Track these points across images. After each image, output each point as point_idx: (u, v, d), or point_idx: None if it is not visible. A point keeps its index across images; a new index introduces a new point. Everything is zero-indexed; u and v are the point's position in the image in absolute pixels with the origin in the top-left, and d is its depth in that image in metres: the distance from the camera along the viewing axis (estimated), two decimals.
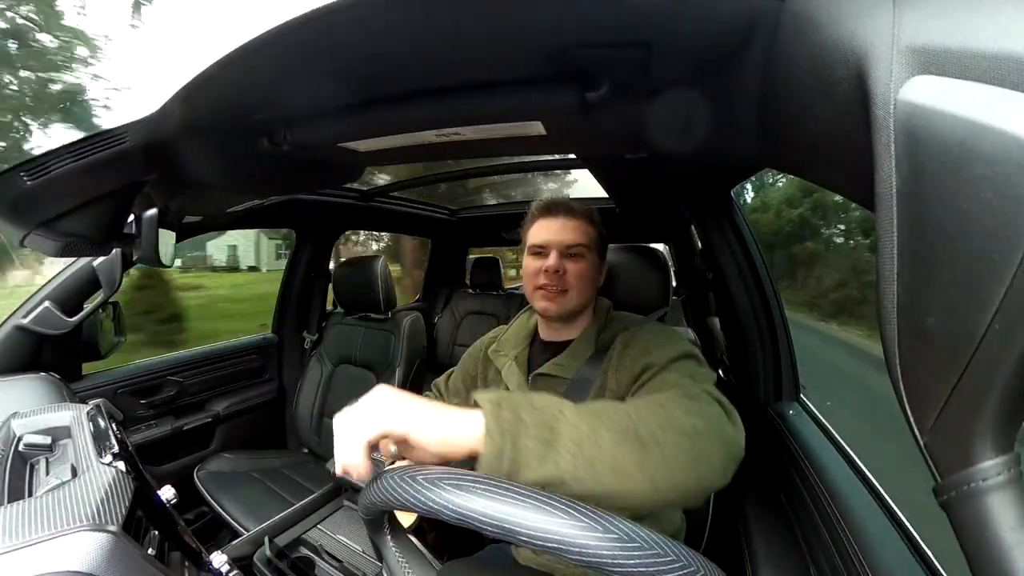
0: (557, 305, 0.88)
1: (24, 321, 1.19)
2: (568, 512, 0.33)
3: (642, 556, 0.32)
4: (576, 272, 0.88)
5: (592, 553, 0.32)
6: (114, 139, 0.66)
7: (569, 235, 0.89)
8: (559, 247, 0.88)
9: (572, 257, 0.88)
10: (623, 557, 0.31)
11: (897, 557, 0.65)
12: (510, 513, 0.34)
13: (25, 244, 0.77)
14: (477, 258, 3.00)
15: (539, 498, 0.35)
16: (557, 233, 0.89)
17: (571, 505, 0.34)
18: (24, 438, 0.72)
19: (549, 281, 0.87)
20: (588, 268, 0.89)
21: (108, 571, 0.44)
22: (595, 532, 0.32)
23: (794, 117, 0.39)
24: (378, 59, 0.48)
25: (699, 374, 0.73)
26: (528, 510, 0.34)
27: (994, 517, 0.22)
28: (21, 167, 0.65)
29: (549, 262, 0.87)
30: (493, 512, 0.34)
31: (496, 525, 0.34)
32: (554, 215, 0.91)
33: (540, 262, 0.89)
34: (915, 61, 0.24)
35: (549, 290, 0.87)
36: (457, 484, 0.36)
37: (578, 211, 0.92)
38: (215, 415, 1.79)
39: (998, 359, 0.21)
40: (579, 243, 0.89)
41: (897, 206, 0.24)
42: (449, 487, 0.36)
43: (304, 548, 1.13)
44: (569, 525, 0.33)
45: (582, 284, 0.88)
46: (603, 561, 0.32)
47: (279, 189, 1.11)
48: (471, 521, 0.35)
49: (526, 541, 0.33)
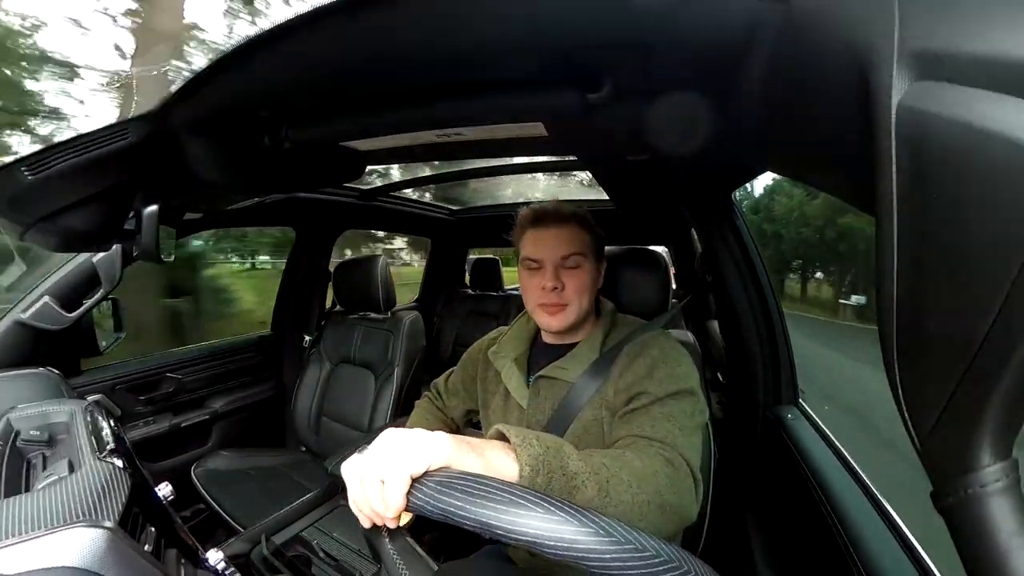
0: (559, 320, 0.86)
1: (23, 316, 1.18)
2: (553, 509, 0.34)
3: (641, 558, 0.32)
4: (575, 286, 0.85)
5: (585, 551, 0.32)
6: (115, 135, 0.66)
7: (564, 246, 0.85)
8: (553, 261, 0.85)
9: (569, 269, 0.85)
10: (613, 553, 0.32)
11: (893, 561, 0.65)
12: (488, 508, 0.35)
13: (25, 239, 0.77)
14: (477, 258, 3.00)
15: (525, 496, 0.35)
16: (550, 245, 0.86)
17: (558, 503, 0.35)
18: (22, 433, 0.72)
19: (548, 300, 0.85)
20: (587, 277, 0.86)
21: (104, 567, 0.44)
22: (598, 536, 0.32)
23: (795, 121, 0.39)
24: (380, 59, 0.48)
25: (690, 413, 0.75)
26: (519, 509, 0.34)
27: (991, 523, 0.22)
28: (22, 162, 0.64)
29: (546, 280, 0.84)
30: (469, 507, 0.36)
31: (474, 520, 0.35)
32: (544, 225, 0.87)
33: (537, 278, 0.86)
34: (917, 66, 0.24)
35: (549, 307, 0.86)
36: (448, 484, 0.38)
37: (569, 216, 0.87)
38: (213, 412, 1.79)
39: (997, 365, 0.21)
40: (574, 252, 0.85)
41: (898, 211, 0.24)
42: (433, 483, 0.38)
43: (300, 546, 1.13)
44: (553, 520, 0.34)
45: (582, 296, 0.86)
46: (597, 561, 0.32)
47: (280, 187, 1.11)
48: (450, 517, 0.36)
49: (503, 535, 0.34)
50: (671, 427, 0.71)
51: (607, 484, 0.55)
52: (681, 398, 0.76)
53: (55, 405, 0.81)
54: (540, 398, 0.90)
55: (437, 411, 1.12)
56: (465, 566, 0.91)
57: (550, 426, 0.87)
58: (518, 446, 0.49)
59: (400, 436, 0.44)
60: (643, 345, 0.85)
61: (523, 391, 0.92)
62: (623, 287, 1.06)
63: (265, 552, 1.04)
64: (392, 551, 0.45)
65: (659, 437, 0.69)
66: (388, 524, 0.43)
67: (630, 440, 0.70)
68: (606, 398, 0.82)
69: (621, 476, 0.57)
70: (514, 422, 0.93)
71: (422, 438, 0.43)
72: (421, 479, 0.40)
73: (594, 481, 0.54)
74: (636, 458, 0.63)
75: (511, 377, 0.94)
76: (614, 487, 0.55)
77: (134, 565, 0.47)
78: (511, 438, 0.50)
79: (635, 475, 0.59)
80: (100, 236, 0.84)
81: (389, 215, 2.23)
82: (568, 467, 0.53)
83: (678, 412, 0.73)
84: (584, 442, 0.83)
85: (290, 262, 2.11)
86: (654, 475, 0.61)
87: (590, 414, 0.83)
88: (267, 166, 0.84)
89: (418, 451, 0.41)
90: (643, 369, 0.80)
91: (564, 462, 0.52)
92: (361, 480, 0.43)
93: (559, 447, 0.54)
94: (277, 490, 1.51)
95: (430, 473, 0.40)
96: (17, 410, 0.78)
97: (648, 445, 0.68)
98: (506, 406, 0.95)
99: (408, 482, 0.40)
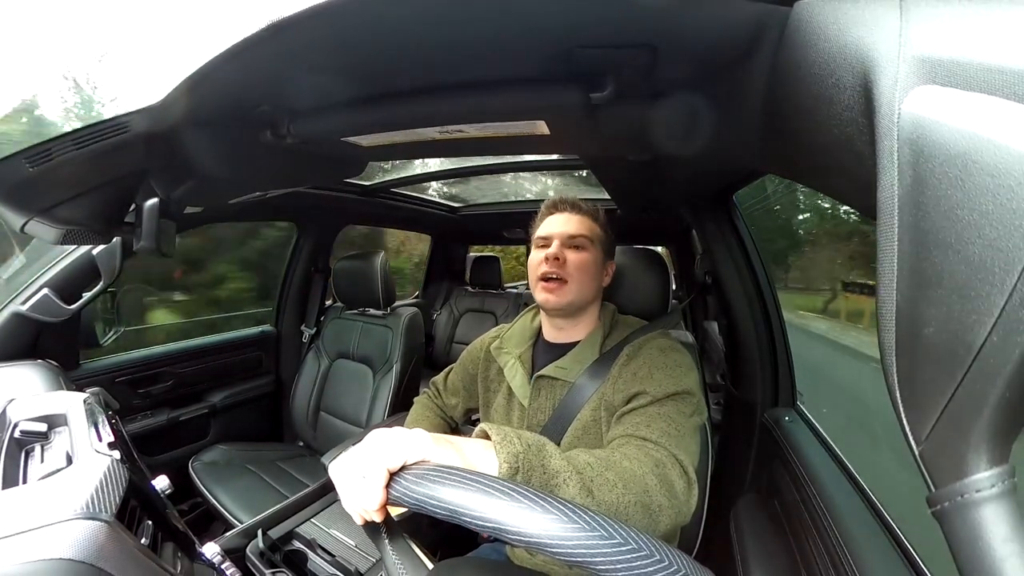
0: (557, 296, 0.87)
1: (23, 308, 1.18)
2: (544, 505, 0.34)
3: (610, 545, 0.32)
4: (576, 262, 0.88)
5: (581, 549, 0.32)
6: (117, 128, 0.66)
7: (572, 227, 0.91)
8: (561, 237, 0.90)
9: (574, 248, 0.89)
10: (578, 540, 0.32)
11: (888, 565, 0.65)
12: (466, 499, 0.35)
13: (26, 231, 0.77)
14: (477, 256, 3.01)
15: (524, 493, 0.35)
16: (561, 225, 0.92)
17: (527, 492, 0.35)
18: (20, 425, 0.72)
19: (549, 268, 0.87)
20: (589, 260, 0.89)
21: (101, 560, 0.44)
22: (574, 526, 0.32)
23: (798, 123, 0.39)
24: (383, 55, 0.48)
25: (688, 414, 0.75)
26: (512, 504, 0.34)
27: (987, 528, 0.22)
28: (23, 153, 0.64)
29: (551, 250, 0.89)
30: (440, 495, 0.36)
31: (445, 507, 0.36)
32: (560, 210, 0.94)
33: (543, 253, 0.90)
34: (921, 71, 0.24)
35: (549, 283, 0.88)
36: (422, 475, 0.39)
37: (584, 208, 0.94)
38: (211, 406, 1.79)
39: (996, 370, 0.21)
40: (581, 235, 0.90)
41: (899, 215, 0.24)
42: (410, 476, 0.40)
43: (297, 541, 1.13)
44: (518, 506, 0.34)
45: (582, 276, 0.88)
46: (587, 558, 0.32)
47: (281, 182, 1.11)
48: (425, 506, 0.37)
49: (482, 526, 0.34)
50: (667, 427, 0.71)
51: (591, 483, 0.55)
52: (679, 399, 0.76)
53: (53, 397, 0.82)
54: (541, 398, 0.90)
55: (436, 409, 1.12)
56: (462, 564, 0.91)
57: (550, 425, 0.87)
58: (498, 443, 0.50)
59: (379, 435, 0.45)
60: (642, 346, 0.86)
61: (526, 390, 0.92)
62: (624, 287, 1.07)
63: (262, 546, 1.04)
64: (390, 549, 0.45)
65: (653, 437, 0.69)
66: (374, 517, 0.44)
67: (624, 440, 0.70)
68: (605, 398, 0.82)
69: (607, 476, 0.57)
70: (516, 421, 0.93)
71: (399, 435, 0.45)
72: (399, 473, 0.41)
73: (576, 480, 0.54)
74: (625, 458, 0.63)
75: (515, 375, 0.94)
76: (598, 486, 0.55)
77: (131, 558, 0.47)
78: (492, 436, 0.51)
79: (622, 475, 0.59)
80: (100, 229, 0.84)
81: (390, 211, 2.23)
82: (549, 465, 0.53)
83: (675, 413, 0.74)
84: (583, 442, 0.83)
85: (291, 257, 2.11)
86: (643, 475, 0.61)
87: (589, 414, 0.84)
88: (268, 161, 0.84)
89: (394, 447, 0.43)
90: (642, 370, 0.80)
91: (545, 460, 0.53)
92: (345, 478, 0.44)
93: (541, 445, 0.54)
94: (275, 484, 1.51)
95: (408, 467, 0.41)
96: (15, 402, 0.78)
97: (641, 445, 0.68)
98: (509, 404, 0.95)
99: (385, 476, 0.41)
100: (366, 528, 0.46)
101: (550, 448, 0.55)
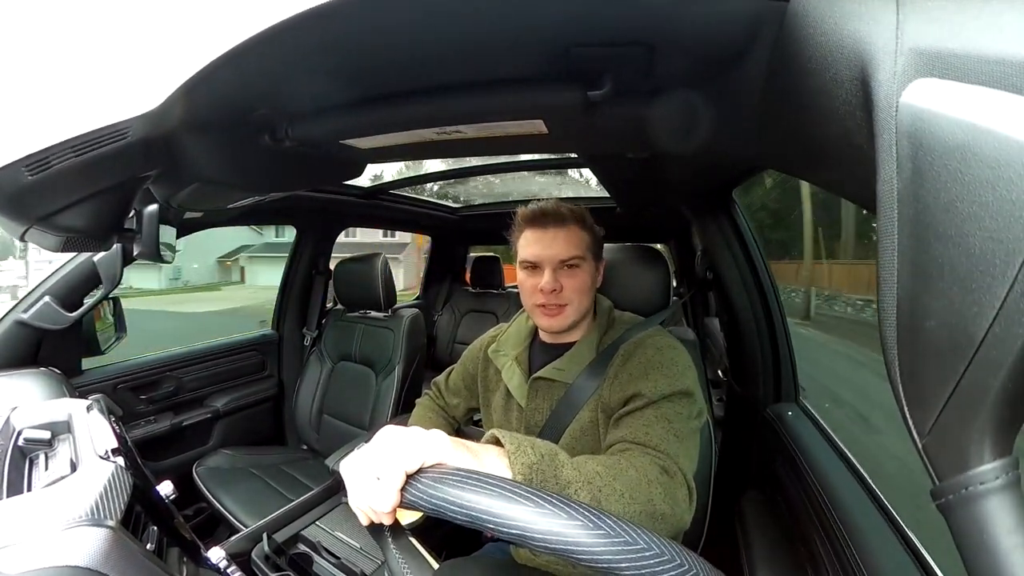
0: (558, 321, 0.86)
1: (24, 316, 1.19)
2: (568, 510, 0.34)
3: (633, 551, 0.32)
4: (573, 287, 0.84)
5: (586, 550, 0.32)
6: (116, 134, 0.66)
7: (562, 248, 0.84)
8: (552, 262, 0.84)
9: (568, 270, 0.84)
10: (603, 546, 0.32)
11: (894, 559, 0.65)
12: (483, 503, 0.35)
13: (25, 238, 0.77)
14: (477, 256, 3.01)
15: (536, 495, 0.35)
16: (549, 247, 0.84)
17: (550, 497, 0.35)
18: (23, 432, 0.72)
19: (547, 301, 0.84)
20: (586, 277, 0.85)
21: (106, 566, 0.44)
22: (599, 532, 0.32)
23: (796, 118, 0.39)
24: (380, 56, 0.48)
25: (686, 416, 0.74)
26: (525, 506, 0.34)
27: (992, 521, 0.22)
28: (22, 161, 0.64)
29: (544, 281, 0.83)
30: (462, 500, 0.36)
31: (466, 513, 0.35)
32: (543, 226, 0.85)
33: (535, 279, 0.85)
34: (918, 64, 0.24)
35: (548, 308, 0.85)
36: (440, 478, 0.39)
37: (568, 216, 0.86)
38: (214, 411, 1.79)
39: (998, 362, 0.21)
40: (574, 255, 0.84)
41: (898, 208, 0.24)
42: (428, 479, 0.39)
43: (302, 544, 1.13)
44: (543, 512, 0.34)
45: (581, 297, 0.85)
46: (600, 559, 0.32)
47: (280, 185, 1.11)
48: (443, 511, 0.37)
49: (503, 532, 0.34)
50: (666, 432, 0.70)
51: (599, 493, 0.55)
52: (676, 400, 0.75)
53: (56, 404, 0.82)
54: (538, 399, 0.90)
55: (439, 409, 1.12)
56: (467, 564, 0.91)
57: (547, 427, 0.87)
58: (512, 453, 0.49)
59: (396, 433, 0.44)
60: (638, 344, 0.84)
61: (523, 391, 0.92)
62: (624, 285, 1.06)
63: (267, 550, 1.04)
64: (394, 549, 0.45)
65: (654, 444, 0.68)
66: (384, 520, 0.42)
67: (625, 446, 0.69)
68: (602, 399, 0.82)
69: (614, 486, 0.57)
70: (514, 421, 0.93)
71: (417, 435, 0.43)
72: (416, 475, 0.40)
73: (587, 490, 0.54)
74: (631, 467, 0.62)
75: (512, 376, 0.94)
76: (606, 496, 0.55)
77: (136, 564, 0.48)
78: (505, 444, 0.50)
79: (628, 485, 0.59)
80: (100, 236, 0.84)
81: (390, 213, 2.23)
82: (561, 475, 0.53)
83: (673, 415, 0.73)
84: (581, 444, 0.83)
85: (291, 260, 2.11)
86: (648, 484, 0.61)
87: (587, 416, 0.83)
88: (267, 164, 0.83)
89: (413, 448, 0.41)
90: (638, 369, 0.79)
91: (557, 471, 0.53)
92: (357, 477, 0.43)
93: (553, 455, 0.54)
94: (279, 488, 1.52)
95: (425, 470, 0.40)
96: (19, 410, 0.78)
97: (644, 453, 0.67)
98: (507, 405, 0.95)
99: (402, 478, 0.40)
100: (370, 528, 0.46)
101: (562, 457, 0.55)
